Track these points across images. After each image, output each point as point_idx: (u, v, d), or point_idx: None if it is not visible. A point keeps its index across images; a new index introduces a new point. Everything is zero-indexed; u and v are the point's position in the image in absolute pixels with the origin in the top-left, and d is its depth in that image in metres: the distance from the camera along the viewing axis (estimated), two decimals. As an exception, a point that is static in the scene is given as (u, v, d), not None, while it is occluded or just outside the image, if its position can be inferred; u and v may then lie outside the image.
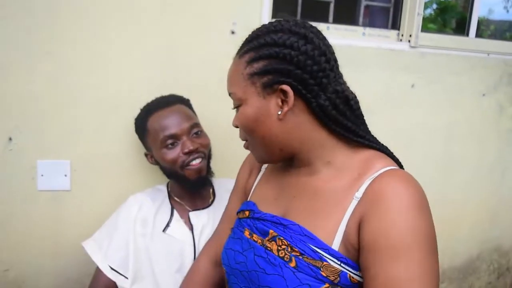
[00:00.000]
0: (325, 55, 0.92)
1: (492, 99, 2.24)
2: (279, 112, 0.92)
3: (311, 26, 0.96)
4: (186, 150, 1.36)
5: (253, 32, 0.98)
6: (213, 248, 1.25)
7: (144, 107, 1.48)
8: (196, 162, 1.39)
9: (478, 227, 2.40)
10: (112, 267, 1.36)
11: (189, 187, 1.44)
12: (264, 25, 0.97)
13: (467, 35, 2.25)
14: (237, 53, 0.99)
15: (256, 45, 0.93)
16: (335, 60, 0.97)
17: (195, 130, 1.40)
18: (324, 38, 0.96)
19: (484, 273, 2.50)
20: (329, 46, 0.96)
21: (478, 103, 2.22)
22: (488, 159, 2.32)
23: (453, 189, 2.27)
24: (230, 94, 1.00)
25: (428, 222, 0.83)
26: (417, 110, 2.09)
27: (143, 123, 1.44)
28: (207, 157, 1.44)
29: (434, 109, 2.13)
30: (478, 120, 2.24)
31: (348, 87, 0.99)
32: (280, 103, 0.92)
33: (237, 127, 1.01)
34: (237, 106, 0.99)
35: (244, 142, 1.05)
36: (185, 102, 1.49)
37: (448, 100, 2.14)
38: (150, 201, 1.46)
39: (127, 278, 1.36)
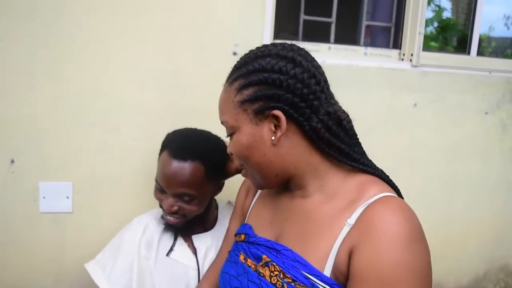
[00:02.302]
0: (315, 77, 0.92)
1: (495, 117, 2.23)
2: (273, 138, 0.92)
3: (299, 48, 0.97)
4: (164, 208, 1.33)
5: (241, 59, 0.98)
6: (214, 273, 1.23)
7: (172, 133, 1.39)
8: (170, 218, 1.34)
9: (484, 246, 2.38)
10: None
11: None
12: (251, 51, 0.98)
13: (469, 53, 2.25)
14: (227, 80, 0.99)
15: (245, 72, 0.93)
16: (325, 81, 0.97)
17: (186, 198, 1.30)
18: (313, 60, 0.97)
19: (491, 293, 2.47)
20: (318, 67, 0.96)
21: (481, 122, 2.21)
22: (492, 178, 2.31)
23: (458, 208, 2.26)
24: (222, 123, 1.00)
25: (421, 255, 0.81)
26: (420, 129, 2.09)
27: (161, 147, 1.37)
28: (191, 217, 1.36)
29: (437, 128, 2.12)
30: (481, 138, 2.23)
31: (340, 107, 0.99)
32: (273, 129, 0.92)
33: (232, 154, 1.01)
34: (230, 134, 0.99)
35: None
36: (208, 161, 1.30)
37: (451, 119, 2.14)
38: (156, 224, 1.43)
39: None
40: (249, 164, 0.98)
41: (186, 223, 1.36)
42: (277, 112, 0.90)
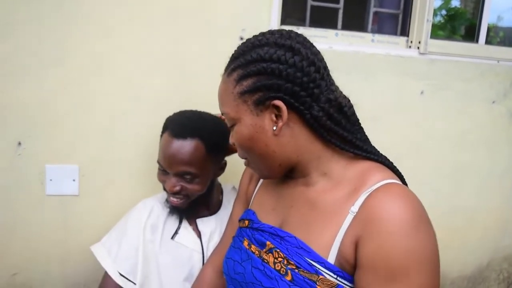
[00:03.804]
0: (314, 64, 0.91)
1: (502, 106, 2.22)
2: (274, 128, 0.92)
3: (297, 35, 0.96)
4: (166, 189, 1.34)
5: (238, 48, 0.97)
6: (218, 257, 1.24)
7: (173, 115, 1.40)
8: (173, 199, 1.35)
9: (488, 236, 2.38)
10: (121, 273, 1.36)
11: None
12: (248, 40, 0.97)
13: (477, 41, 2.24)
14: (225, 71, 0.98)
15: (243, 62, 0.92)
16: (325, 67, 0.96)
17: (188, 177, 1.31)
18: (311, 46, 0.95)
19: (493, 282, 2.47)
20: (317, 54, 0.95)
21: (488, 110, 2.20)
22: (499, 167, 2.30)
23: (463, 197, 2.26)
24: (223, 114, 1.00)
25: (427, 241, 0.81)
26: (427, 117, 2.08)
27: (162, 130, 1.38)
28: (194, 197, 1.37)
29: (444, 116, 2.11)
30: (488, 127, 2.22)
31: (341, 92, 0.98)
32: (274, 118, 0.91)
33: (233, 144, 1.01)
34: (231, 125, 0.98)
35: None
36: (208, 138, 1.32)
37: (457, 107, 2.13)
38: (161, 207, 1.45)
39: (135, 284, 1.35)
40: (252, 155, 0.98)
41: (189, 205, 1.37)
42: (278, 102, 0.89)
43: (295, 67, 0.89)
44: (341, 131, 0.93)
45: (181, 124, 1.33)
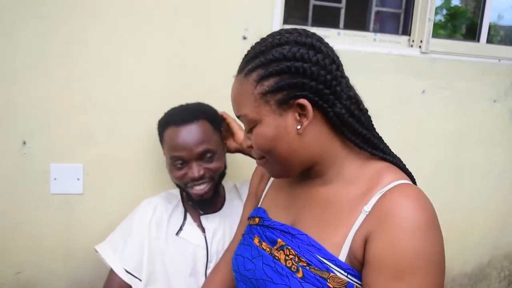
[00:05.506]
0: (335, 62, 0.91)
1: (503, 105, 2.23)
2: (299, 127, 0.90)
3: (313, 33, 0.95)
4: (191, 177, 1.34)
5: (254, 49, 0.95)
6: (230, 254, 1.24)
7: (165, 114, 1.45)
8: (199, 188, 1.36)
9: (489, 234, 2.38)
10: (127, 270, 1.37)
11: (193, 203, 1.45)
12: (265, 39, 0.94)
13: (478, 41, 2.24)
14: (240, 72, 0.95)
15: (264, 62, 0.90)
16: (341, 65, 0.96)
17: (208, 155, 1.35)
18: (327, 44, 0.95)
19: (494, 280, 2.48)
20: (333, 51, 0.95)
21: (489, 110, 2.20)
22: (499, 166, 2.30)
23: (463, 195, 2.26)
24: (239, 117, 0.97)
25: (436, 243, 0.81)
26: (428, 116, 2.09)
27: (161, 131, 1.42)
28: (217, 179, 1.40)
29: (445, 115, 2.12)
30: (488, 126, 2.23)
31: (355, 90, 0.98)
32: (298, 118, 0.90)
33: (249, 147, 0.99)
34: (250, 128, 0.95)
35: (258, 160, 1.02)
36: (209, 116, 1.40)
37: (458, 106, 2.13)
38: (164, 204, 1.47)
39: (141, 280, 1.36)
40: (273, 155, 0.95)
41: (213, 193, 1.40)
42: (303, 101, 0.88)
43: (318, 65, 0.88)
44: (361, 129, 0.94)
45: (181, 113, 1.40)
